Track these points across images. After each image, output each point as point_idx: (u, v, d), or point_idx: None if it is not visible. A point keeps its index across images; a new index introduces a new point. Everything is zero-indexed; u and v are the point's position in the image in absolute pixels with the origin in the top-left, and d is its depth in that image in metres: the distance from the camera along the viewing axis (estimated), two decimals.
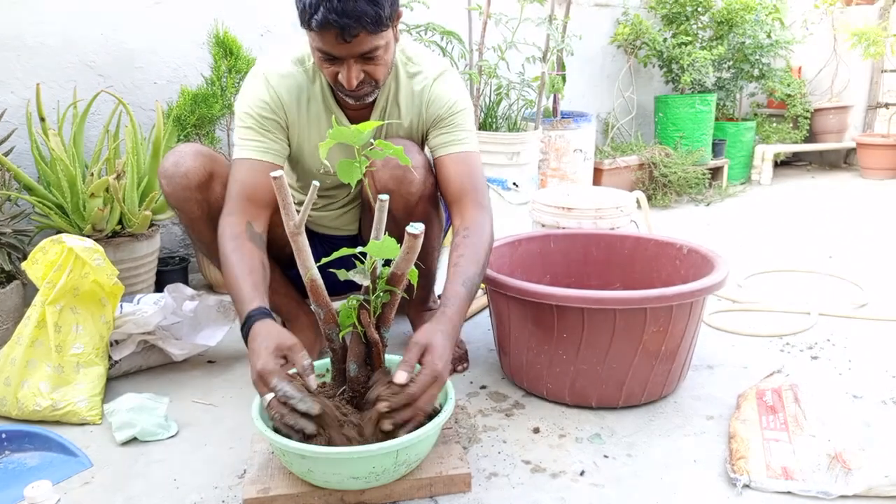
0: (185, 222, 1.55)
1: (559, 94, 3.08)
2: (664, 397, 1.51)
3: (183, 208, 1.50)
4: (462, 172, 1.48)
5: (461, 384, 1.60)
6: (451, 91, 1.52)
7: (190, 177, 1.46)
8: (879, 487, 1.14)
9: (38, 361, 1.45)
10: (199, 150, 1.49)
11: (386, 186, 1.45)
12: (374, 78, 1.36)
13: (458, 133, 1.50)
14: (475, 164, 1.51)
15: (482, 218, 1.44)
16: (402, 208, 1.48)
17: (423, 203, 1.50)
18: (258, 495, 1.12)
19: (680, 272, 1.67)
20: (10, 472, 1.29)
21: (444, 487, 1.18)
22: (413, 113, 1.53)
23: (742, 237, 2.91)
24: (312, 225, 1.78)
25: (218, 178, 1.49)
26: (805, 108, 4.23)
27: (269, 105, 1.45)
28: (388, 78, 1.49)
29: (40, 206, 1.91)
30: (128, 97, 2.22)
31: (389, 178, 1.45)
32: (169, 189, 1.48)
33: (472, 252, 1.37)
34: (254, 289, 1.28)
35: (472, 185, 1.47)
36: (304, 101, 1.48)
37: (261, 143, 1.45)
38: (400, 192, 1.46)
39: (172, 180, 1.46)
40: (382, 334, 1.17)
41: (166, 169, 1.47)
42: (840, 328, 1.89)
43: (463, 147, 1.50)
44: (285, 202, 1.02)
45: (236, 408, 1.50)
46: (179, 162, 1.46)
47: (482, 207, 1.46)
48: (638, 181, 3.60)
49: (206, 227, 1.51)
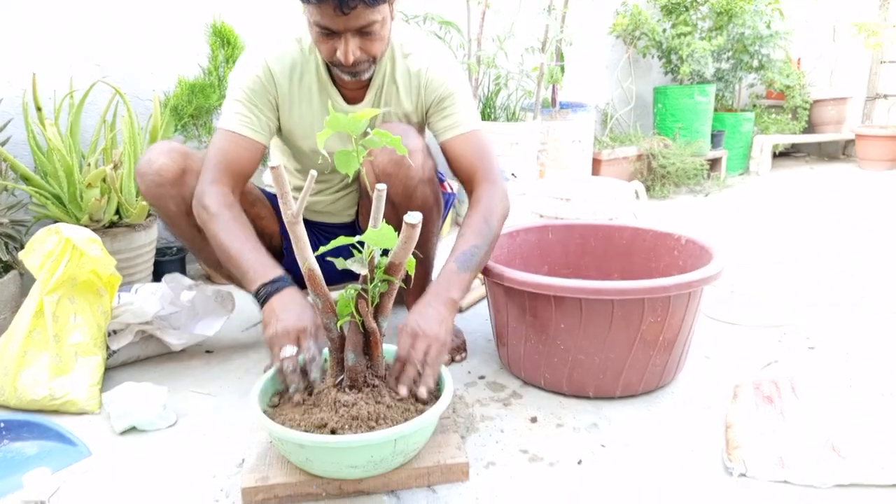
0: (164, 219, 1.56)
1: (558, 84, 3.08)
2: (662, 387, 1.51)
3: (159, 205, 1.51)
4: (469, 152, 1.50)
5: (459, 374, 1.60)
6: (447, 71, 1.53)
7: (163, 174, 1.47)
8: (874, 477, 1.15)
9: (36, 351, 1.45)
10: (172, 147, 1.51)
11: (385, 170, 1.46)
12: (370, 54, 1.37)
13: (459, 114, 1.52)
14: (482, 141, 1.53)
15: (490, 192, 1.46)
16: (402, 192, 1.48)
17: (422, 187, 1.50)
18: (257, 484, 1.13)
19: (678, 263, 1.68)
20: (8, 460, 1.29)
21: (442, 476, 1.18)
22: (412, 94, 1.54)
23: (740, 228, 2.91)
24: (305, 212, 1.77)
25: (191, 174, 1.49)
26: (804, 100, 4.23)
27: (262, 80, 1.48)
28: (384, 58, 1.51)
29: (37, 196, 1.91)
30: (124, 87, 2.21)
31: (388, 161, 1.45)
32: (144, 187, 1.49)
33: (473, 227, 1.41)
34: (270, 258, 1.34)
35: (480, 161, 1.50)
36: (297, 76, 1.50)
37: (247, 119, 1.47)
38: (399, 177, 1.46)
39: (146, 178, 1.48)
40: (380, 323, 1.17)
41: (140, 167, 1.49)
42: (837, 319, 1.90)
43: (467, 127, 1.52)
44: (283, 191, 1.02)
45: (234, 397, 1.51)
46: (152, 159, 1.48)
47: (491, 182, 1.48)
48: (636, 172, 3.59)
49: (186, 222, 1.53)
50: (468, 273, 1.36)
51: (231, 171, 1.44)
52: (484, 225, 1.41)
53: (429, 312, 1.28)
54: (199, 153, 1.56)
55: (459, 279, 1.34)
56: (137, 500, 1.16)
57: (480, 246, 1.38)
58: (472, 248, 1.37)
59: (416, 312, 1.27)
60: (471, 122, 1.53)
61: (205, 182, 1.42)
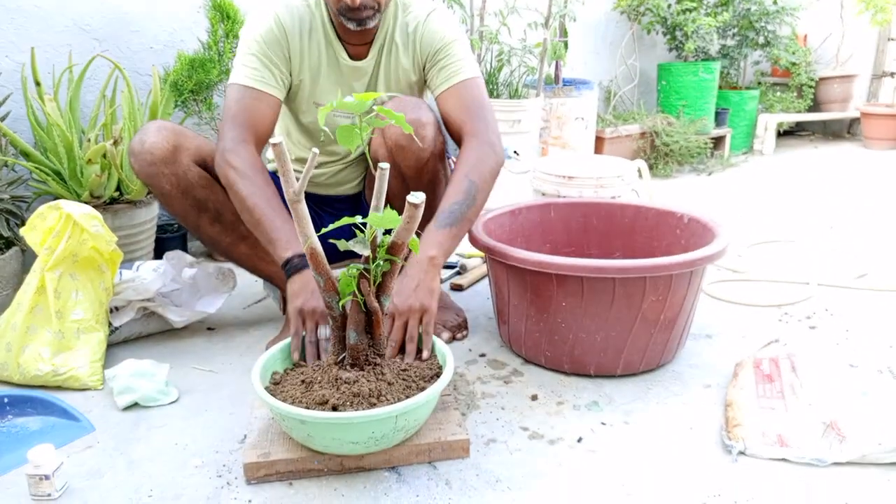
0: (159, 198, 1.55)
1: (561, 60, 3.04)
2: (662, 366, 1.51)
3: (153, 184, 1.50)
4: (458, 106, 1.49)
5: (460, 352, 1.60)
6: (442, 25, 1.54)
7: (154, 152, 1.46)
8: (873, 455, 1.15)
9: (38, 327, 1.46)
10: (162, 125, 1.50)
11: (398, 143, 1.45)
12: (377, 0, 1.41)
13: (453, 65, 1.52)
14: (472, 91, 1.50)
15: (473, 145, 1.44)
16: (413, 166, 1.48)
17: (433, 161, 1.50)
18: (258, 460, 1.14)
19: (680, 241, 1.67)
20: (12, 435, 1.30)
21: (443, 453, 1.19)
22: (409, 49, 1.56)
23: (743, 207, 2.90)
24: (308, 184, 1.76)
25: (184, 151, 1.49)
26: (810, 77, 4.18)
27: (275, 33, 1.48)
28: (388, 14, 1.53)
29: (38, 173, 1.90)
30: (124, 62, 2.19)
31: (402, 134, 1.44)
32: (137, 166, 1.48)
33: (454, 186, 1.40)
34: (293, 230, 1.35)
35: (468, 115, 1.48)
36: (307, 31, 1.52)
37: (265, 73, 1.47)
38: (411, 150, 1.45)
39: (138, 157, 1.47)
40: (382, 302, 1.17)
41: (132, 147, 1.48)
42: (839, 298, 1.90)
43: (460, 77, 1.51)
44: (285, 168, 1.01)
45: (236, 374, 1.51)
46: (143, 139, 1.47)
47: (475, 135, 1.45)
48: (639, 150, 3.57)
49: (180, 200, 1.52)
50: (447, 229, 1.35)
51: (256, 129, 1.44)
52: (465, 181, 1.39)
53: (404, 283, 1.32)
54: (191, 132, 1.55)
55: (437, 235, 1.34)
56: (141, 474, 1.18)
57: (460, 202, 1.37)
58: (453, 205, 1.36)
59: (395, 288, 1.30)
60: (464, 71, 1.51)
61: (230, 140, 1.41)
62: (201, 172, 1.52)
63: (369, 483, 1.14)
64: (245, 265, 1.66)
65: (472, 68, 1.52)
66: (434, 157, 1.49)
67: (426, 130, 1.44)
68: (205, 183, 1.52)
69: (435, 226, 1.36)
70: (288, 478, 1.15)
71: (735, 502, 1.08)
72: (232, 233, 1.58)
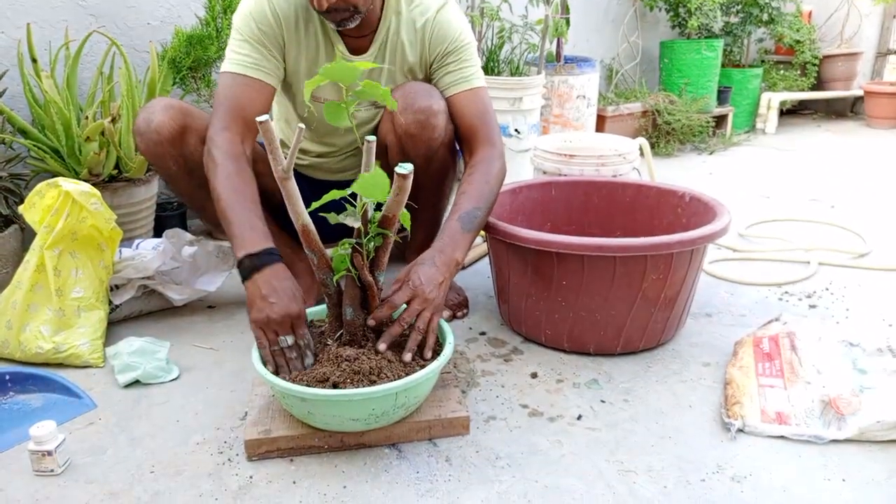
0: (165, 178, 1.53)
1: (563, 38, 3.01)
2: (662, 344, 1.52)
3: (159, 164, 1.48)
4: (472, 112, 1.47)
5: (460, 330, 1.61)
6: (454, 24, 1.49)
7: (161, 132, 1.42)
8: (870, 432, 1.16)
9: (38, 305, 1.46)
10: (170, 104, 1.46)
11: (408, 131, 1.43)
12: (350, 2, 1.32)
13: (465, 70, 1.49)
14: (485, 100, 1.50)
15: (491, 154, 1.44)
16: (423, 154, 1.46)
17: (443, 150, 1.48)
18: (259, 436, 1.14)
19: (681, 220, 1.66)
20: (15, 412, 1.31)
21: (443, 430, 1.19)
22: (416, 46, 1.51)
23: (745, 186, 2.89)
24: (314, 171, 1.75)
25: (192, 132, 1.45)
26: (814, 55, 4.14)
27: (269, 20, 1.42)
28: (389, 9, 1.47)
29: (35, 150, 1.89)
30: (121, 38, 2.17)
31: (413, 122, 1.42)
32: (143, 146, 1.45)
33: (475, 189, 1.38)
34: (262, 223, 1.27)
35: (483, 123, 1.47)
36: (302, 21, 1.45)
37: (256, 59, 1.42)
38: (422, 138, 1.43)
39: (144, 136, 1.43)
40: (377, 277, 1.16)
41: (138, 126, 1.44)
42: (839, 277, 1.90)
43: (472, 84, 1.49)
44: (272, 147, 1.00)
45: (237, 352, 1.52)
46: (150, 118, 1.43)
47: (492, 144, 1.46)
48: (641, 128, 3.55)
49: (187, 181, 1.49)
50: (471, 234, 1.34)
51: (243, 116, 1.37)
52: (486, 186, 1.39)
53: (431, 272, 1.25)
54: (199, 111, 1.52)
55: (463, 240, 1.33)
56: (143, 451, 1.18)
57: (482, 208, 1.37)
58: (475, 210, 1.35)
59: (419, 268, 1.25)
60: (475, 79, 1.50)
61: (214, 129, 1.36)
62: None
63: (369, 460, 1.15)
64: None
65: (482, 77, 1.52)
66: (444, 147, 1.47)
67: (438, 119, 1.42)
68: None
69: (461, 228, 1.32)
70: (289, 454, 1.15)
71: (733, 478, 1.09)
72: None
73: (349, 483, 1.09)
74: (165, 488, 1.09)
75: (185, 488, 1.09)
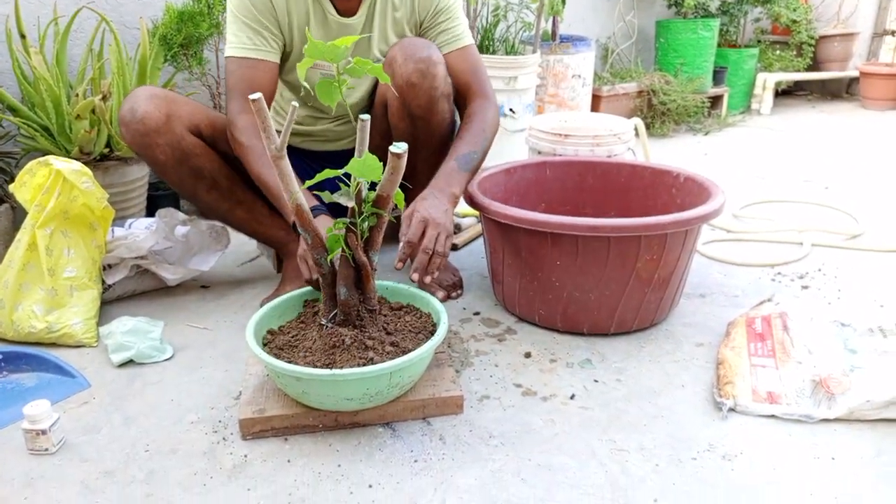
0: (154, 167, 1.51)
1: (558, 16, 2.98)
2: (655, 324, 1.52)
3: (146, 154, 1.47)
4: (465, 69, 1.53)
5: (454, 310, 1.61)
6: None
7: (147, 122, 1.42)
8: (860, 411, 1.17)
9: (31, 284, 1.45)
10: (153, 93, 1.45)
11: (409, 80, 1.43)
12: None
13: (456, 28, 1.54)
14: (476, 56, 1.57)
15: (485, 104, 1.52)
16: (425, 105, 1.46)
17: (443, 102, 1.50)
18: (254, 415, 1.14)
19: (676, 200, 1.66)
20: (8, 391, 1.30)
21: (437, 409, 1.20)
22: (406, 6, 1.53)
23: (739, 167, 2.88)
24: (310, 141, 1.74)
25: (177, 120, 1.45)
26: (810, 35, 4.12)
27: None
28: None
29: (25, 128, 1.87)
30: (111, 14, 2.14)
31: (414, 71, 1.42)
32: (129, 136, 1.44)
33: (471, 134, 1.45)
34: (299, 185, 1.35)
35: (476, 77, 1.54)
36: None
37: (258, 41, 1.44)
38: (423, 88, 1.44)
39: (130, 127, 1.43)
40: (371, 257, 1.16)
41: (122, 116, 1.44)
42: (832, 259, 1.90)
43: (463, 42, 1.55)
44: (265, 125, 0.99)
45: (230, 332, 1.52)
46: (134, 107, 1.42)
47: (485, 96, 1.53)
48: (636, 109, 3.54)
49: (175, 170, 1.48)
50: (467, 174, 1.41)
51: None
52: (481, 133, 1.46)
53: (435, 203, 1.33)
54: (184, 98, 1.51)
55: (460, 177, 1.40)
56: (137, 429, 1.18)
57: (478, 152, 1.43)
58: (471, 153, 1.42)
59: (422, 202, 1.32)
60: (466, 37, 1.55)
61: (234, 113, 1.41)
62: (195, 140, 1.48)
63: (364, 439, 1.15)
64: (243, 230, 1.65)
65: (470, 35, 1.57)
66: (445, 99, 1.49)
67: (438, 69, 1.44)
68: (200, 151, 1.49)
69: (458, 167, 1.40)
70: (283, 433, 1.16)
71: (724, 457, 1.10)
72: (229, 199, 1.56)
73: (343, 462, 1.10)
74: (160, 467, 1.09)
75: (180, 467, 1.09)
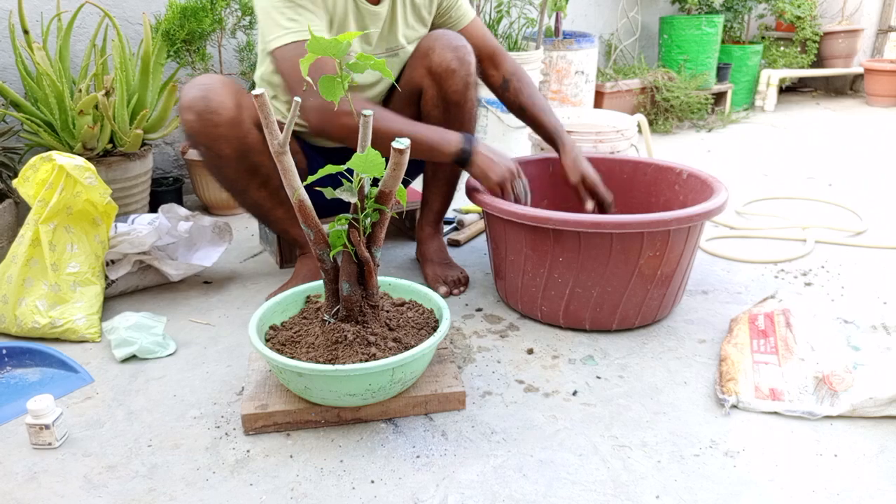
0: (213, 161, 1.44)
1: (562, 12, 2.98)
2: (658, 321, 1.52)
3: (213, 147, 1.40)
4: (485, 34, 1.64)
5: (457, 307, 1.61)
6: None
7: (222, 113, 1.35)
8: (863, 408, 1.17)
9: (34, 280, 1.45)
10: (225, 80, 1.40)
11: (449, 67, 1.46)
12: None
13: (464, 5, 1.62)
14: (482, 23, 1.69)
15: (515, 63, 1.65)
16: (461, 91, 1.49)
17: (474, 89, 1.54)
18: (256, 411, 1.15)
19: (679, 197, 1.66)
20: (11, 386, 1.31)
21: (439, 405, 1.20)
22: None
23: (743, 163, 2.88)
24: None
25: (246, 111, 1.40)
26: (814, 31, 4.10)
27: None
28: None
29: (29, 124, 1.87)
30: (114, 10, 2.14)
31: (453, 58, 1.45)
32: (199, 126, 1.36)
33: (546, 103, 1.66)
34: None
35: (494, 42, 1.65)
36: None
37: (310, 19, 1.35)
38: (461, 74, 1.47)
39: (202, 117, 1.35)
40: (373, 253, 1.16)
41: (192, 104, 1.35)
42: (835, 255, 1.90)
43: (472, 14, 1.64)
44: (268, 121, 0.99)
45: (233, 327, 1.52)
46: (208, 96, 1.35)
47: (508, 56, 1.65)
48: (640, 105, 3.53)
49: (236, 165, 1.44)
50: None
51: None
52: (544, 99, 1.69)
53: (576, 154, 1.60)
54: (243, 88, 1.47)
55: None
56: (140, 425, 1.19)
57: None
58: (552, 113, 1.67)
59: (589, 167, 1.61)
60: (471, 9, 1.64)
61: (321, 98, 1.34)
62: (260, 136, 1.41)
63: (366, 434, 1.15)
64: (275, 227, 1.65)
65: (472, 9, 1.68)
66: (475, 86, 1.53)
67: (472, 58, 1.49)
68: (262, 147, 1.41)
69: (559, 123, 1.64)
70: (285, 429, 1.16)
71: (726, 454, 1.10)
72: (274, 197, 1.54)
73: (346, 457, 1.10)
74: (163, 462, 1.09)
75: (183, 462, 1.09)
